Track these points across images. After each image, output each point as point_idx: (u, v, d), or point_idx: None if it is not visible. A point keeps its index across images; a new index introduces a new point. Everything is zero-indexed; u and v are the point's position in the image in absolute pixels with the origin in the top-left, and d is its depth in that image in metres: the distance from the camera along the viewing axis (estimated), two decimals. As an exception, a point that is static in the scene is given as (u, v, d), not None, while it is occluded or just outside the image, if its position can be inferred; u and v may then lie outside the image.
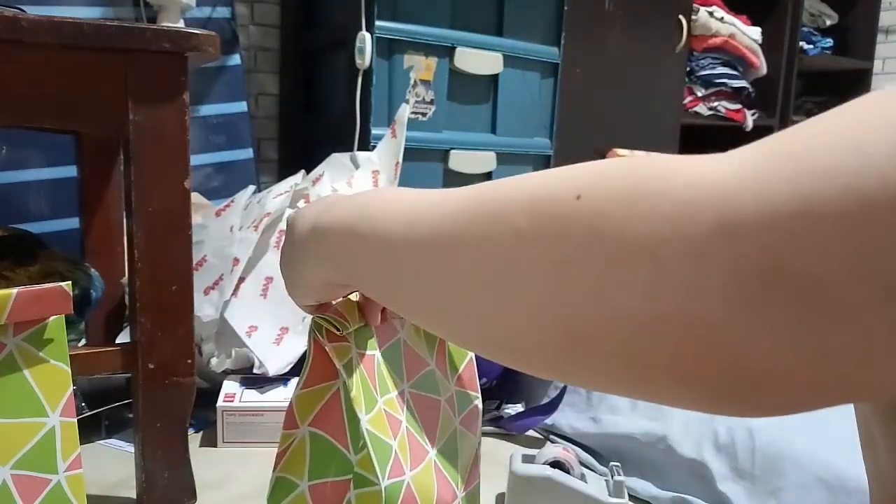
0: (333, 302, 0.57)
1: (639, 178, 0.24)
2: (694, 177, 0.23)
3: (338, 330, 0.53)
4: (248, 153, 1.93)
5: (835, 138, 0.21)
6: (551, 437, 1.12)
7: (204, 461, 0.99)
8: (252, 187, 1.39)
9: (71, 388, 0.55)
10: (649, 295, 0.22)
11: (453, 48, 1.76)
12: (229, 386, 1.11)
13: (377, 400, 0.57)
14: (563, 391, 1.12)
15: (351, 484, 0.55)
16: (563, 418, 1.11)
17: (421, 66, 1.73)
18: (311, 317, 0.54)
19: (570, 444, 1.02)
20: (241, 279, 1.23)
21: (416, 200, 0.33)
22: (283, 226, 1.28)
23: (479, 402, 0.69)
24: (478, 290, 0.27)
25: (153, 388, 0.80)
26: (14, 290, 0.52)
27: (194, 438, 1.08)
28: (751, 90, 2.64)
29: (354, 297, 0.58)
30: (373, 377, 0.58)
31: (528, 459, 0.87)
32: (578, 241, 0.24)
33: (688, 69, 2.44)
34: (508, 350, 0.28)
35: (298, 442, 0.58)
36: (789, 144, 0.22)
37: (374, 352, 0.59)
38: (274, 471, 0.58)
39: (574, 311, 0.24)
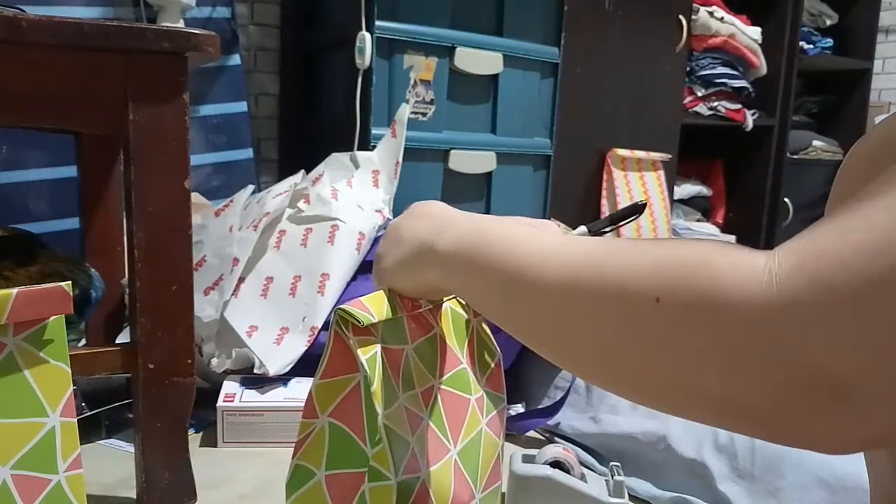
0: (361, 299, 0.56)
1: (702, 290, 0.29)
2: (745, 299, 0.28)
3: (360, 323, 0.53)
4: (248, 153, 1.93)
5: None
6: (551, 437, 1.12)
7: (204, 461, 0.99)
8: (251, 187, 1.39)
9: (71, 388, 0.55)
10: (721, 386, 0.29)
11: (453, 48, 1.76)
12: (229, 386, 1.11)
13: (398, 396, 0.56)
14: (565, 394, 1.12)
15: (366, 476, 0.55)
16: (563, 418, 1.11)
17: (421, 66, 1.73)
18: (335, 309, 0.54)
19: (570, 444, 1.02)
20: (241, 279, 1.23)
21: (544, 242, 0.37)
22: (282, 226, 1.28)
23: (504, 405, 0.69)
24: (609, 341, 0.33)
25: (153, 388, 0.80)
26: (14, 290, 0.52)
27: (194, 438, 1.08)
28: (751, 90, 2.64)
29: (381, 291, 0.58)
30: (397, 372, 0.57)
31: (528, 459, 0.87)
32: (660, 339, 0.30)
33: (688, 69, 2.44)
34: (622, 384, 0.35)
35: (318, 431, 0.57)
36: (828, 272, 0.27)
37: (403, 346, 0.59)
38: (293, 458, 0.58)
39: (661, 377, 0.31)
